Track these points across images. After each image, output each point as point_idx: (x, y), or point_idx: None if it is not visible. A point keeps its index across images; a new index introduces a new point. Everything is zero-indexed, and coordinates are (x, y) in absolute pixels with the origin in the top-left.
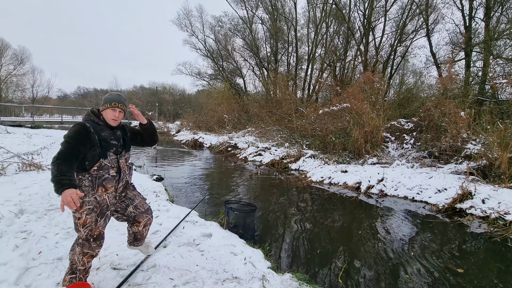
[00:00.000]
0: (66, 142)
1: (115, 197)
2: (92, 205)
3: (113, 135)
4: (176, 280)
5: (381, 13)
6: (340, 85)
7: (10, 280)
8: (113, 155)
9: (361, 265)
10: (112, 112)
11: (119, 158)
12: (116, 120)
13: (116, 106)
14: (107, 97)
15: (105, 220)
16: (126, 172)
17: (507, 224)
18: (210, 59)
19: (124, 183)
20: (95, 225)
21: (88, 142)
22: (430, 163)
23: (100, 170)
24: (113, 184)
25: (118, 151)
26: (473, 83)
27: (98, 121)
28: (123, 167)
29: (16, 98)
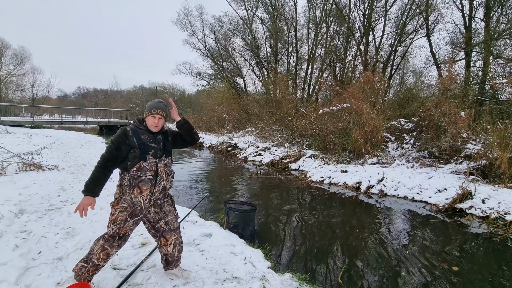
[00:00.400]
0: (108, 145)
1: (149, 201)
2: (127, 204)
3: (153, 138)
4: (176, 280)
5: (381, 13)
6: (340, 85)
7: (10, 280)
8: (152, 158)
9: (361, 265)
10: (152, 119)
11: (158, 162)
12: (156, 126)
13: (156, 113)
14: (148, 105)
15: (134, 222)
16: (164, 178)
17: (507, 224)
18: (210, 59)
19: (161, 188)
20: (124, 224)
21: (125, 145)
22: (430, 163)
23: (139, 171)
24: (149, 187)
25: (158, 154)
26: (473, 83)
27: (140, 126)
28: (161, 171)
29: (16, 98)
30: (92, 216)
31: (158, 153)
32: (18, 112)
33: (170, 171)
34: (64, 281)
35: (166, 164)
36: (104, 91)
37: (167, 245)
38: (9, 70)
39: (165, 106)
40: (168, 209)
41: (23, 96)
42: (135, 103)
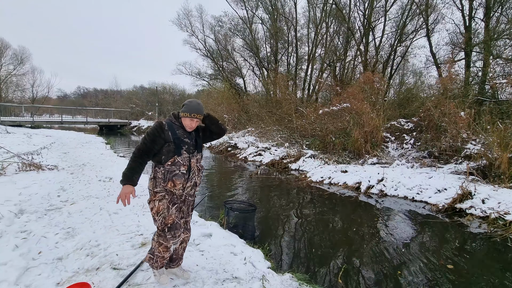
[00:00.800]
0: (143, 138)
1: (181, 196)
2: (164, 192)
3: (187, 134)
4: (176, 280)
5: (381, 13)
6: (340, 85)
7: (10, 280)
8: (185, 154)
9: (361, 265)
10: (189, 121)
11: (191, 157)
12: (192, 128)
13: (195, 117)
14: (188, 106)
15: (177, 209)
16: (196, 173)
17: (507, 224)
18: (210, 59)
19: (193, 184)
20: (168, 212)
21: (161, 139)
22: (430, 163)
23: (173, 165)
24: (182, 181)
25: (191, 150)
26: (473, 83)
27: (175, 121)
28: (193, 167)
29: (16, 98)
30: (92, 216)
31: (191, 148)
32: (18, 112)
33: (201, 166)
34: (64, 281)
35: (197, 159)
36: (104, 91)
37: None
38: (9, 70)
39: (203, 109)
40: (190, 210)
41: (23, 96)
42: (135, 103)
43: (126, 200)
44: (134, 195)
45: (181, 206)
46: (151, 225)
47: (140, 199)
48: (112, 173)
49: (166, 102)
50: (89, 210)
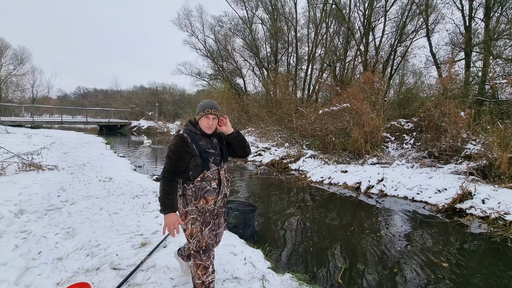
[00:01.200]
0: (168, 157)
1: (214, 211)
2: (195, 214)
3: (210, 143)
4: (176, 280)
5: (381, 13)
6: (340, 85)
7: (10, 280)
8: (214, 166)
9: (361, 265)
10: (206, 120)
11: (220, 169)
12: (210, 127)
13: (209, 113)
14: (200, 105)
15: (210, 229)
16: (225, 184)
17: (507, 224)
18: (210, 59)
19: (223, 196)
20: (201, 235)
21: (187, 154)
22: (430, 163)
23: (203, 181)
24: (214, 196)
25: (217, 160)
26: (473, 83)
27: (195, 130)
28: (223, 179)
29: (16, 98)
30: (92, 216)
31: (217, 159)
32: (18, 112)
33: (229, 176)
34: (64, 281)
35: (225, 170)
36: (104, 91)
37: None
38: (9, 70)
39: (217, 106)
40: (221, 221)
41: (23, 96)
42: (135, 103)
43: (176, 230)
44: (180, 222)
45: (214, 221)
46: (151, 225)
47: (140, 199)
48: (112, 173)
49: (166, 102)
50: (89, 210)
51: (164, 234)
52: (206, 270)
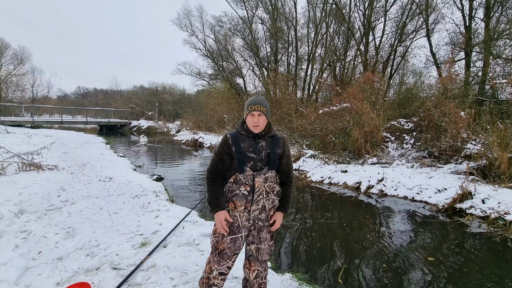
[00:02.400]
0: (213, 156)
1: (248, 220)
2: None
3: (253, 146)
4: (176, 279)
5: (381, 13)
6: (340, 85)
7: (10, 280)
8: (249, 171)
9: (361, 265)
10: (251, 118)
11: (256, 175)
12: (256, 126)
13: (254, 110)
14: (246, 103)
15: (232, 240)
16: (263, 195)
17: (507, 224)
18: (210, 59)
19: (261, 207)
20: (222, 239)
21: (228, 155)
22: (430, 163)
23: (235, 184)
24: (243, 203)
25: (257, 166)
26: (473, 83)
27: (241, 130)
28: (258, 187)
29: (16, 98)
30: (92, 216)
31: (258, 164)
32: (18, 112)
33: (272, 187)
34: (64, 281)
35: (267, 178)
36: (104, 91)
37: (250, 269)
38: (9, 70)
39: (264, 101)
40: (264, 237)
41: (23, 96)
42: (135, 103)
43: (223, 227)
44: (229, 218)
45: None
46: (151, 225)
47: (140, 199)
48: (112, 173)
49: (166, 102)
50: (89, 210)
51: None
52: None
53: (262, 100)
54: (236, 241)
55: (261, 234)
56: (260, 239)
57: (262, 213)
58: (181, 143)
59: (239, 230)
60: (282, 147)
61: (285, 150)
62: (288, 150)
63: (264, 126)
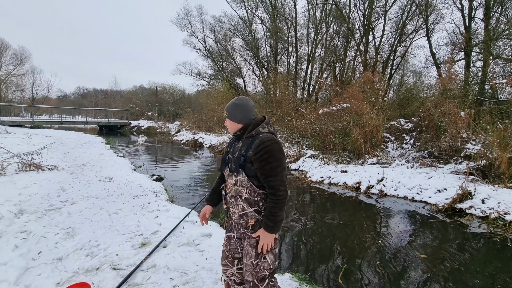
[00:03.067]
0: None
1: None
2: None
3: (233, 147)
4: (176, 280)
5: (380, 13)
6: (340, 85)
7: (10, 280)
8: (227, 171)
9: (361, 265)
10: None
11: (228, 176)
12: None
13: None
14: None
15: (228, 238)
16: (232, 199)
17: (507, 224)
18: (210, 59)
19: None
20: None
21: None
22: (429, 163)
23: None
24: (224, 201)
25: (232, 167)
26: (472, 83)
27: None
28: (229, 189)
29: (15, 98)
30: (92, 216)
31: (232, 166)
32: (17, 112)
33: (239, 191)
34: (64, 281)
35: (236, 182)
36: (104, 91)
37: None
38: (8, 70)
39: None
40: (246, 249)
41: (22, 96)
42: (135, 103)
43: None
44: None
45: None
46: (151, 225)
47: (140, 199)
48: (112, 173)
49: (166, 102)
50: (89, 210)
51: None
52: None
53: (228, 104)
54: (230, 240)
55: (244, 245)
56: (243, 250)
57: (240, 219)
58: (181, 143)
59: (231, 229)
60: (253, 149)
61: (257, 152)
62: (265, 153)
63: (233, 128)
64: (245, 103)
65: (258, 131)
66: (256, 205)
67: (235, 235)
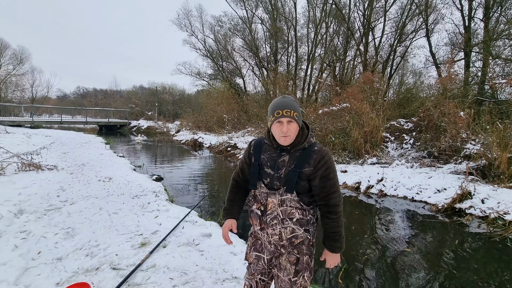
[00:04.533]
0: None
1: (270, 244)
2: (252, 230)
3: (273, 160)
4: (176, 280)
5: (380, 13)
6: (339, 85)
7: (9, 280)
8: (264, 188)
9: (360, 264)
10: (278, 127)
11: (269, 195)
12: (286, 136)
13: (281, 116)
14: (270, 106)
15: (256, 257)
16: (278, 220)
17: (507, 224)
18: (209, 59)
19: (278, 234)
20: (249, 252)
21: (247, 165)
22: (429, 163)
23: (252, 199)
24: (257, 222)
25: (274, 184)
26: (472, 83)
27: (266, 137)
28: (271, 209)
29: (15, 98)
30: (92, 216)
31: (275, 182)
32: (17, 112)
33: (290, 213)
34: (63, 281)
35: (283, 201)
36: (104, 91)
37: None
38: (8, 70)
39: (294, 102)
40: (284, 265)
41: (22, 96)
42: (134, 103)
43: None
44: (234, 229)
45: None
46: (150, 225)
47: (139, 199)
48: (111, 173)
49: (165, 102)
50: (88, 210)
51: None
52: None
53: (291, 102)
54: (259, 261)
55: (281, 260)
56: (280, 266)
57: (283, 240)
58: (181, 143)
59: (262, 250)
60: (313, 164)
61: (318, 169)
62: (326, 168)
63: (296, 135)
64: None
65: (310, 142)
66: (307, 224)
67: (266, 257)
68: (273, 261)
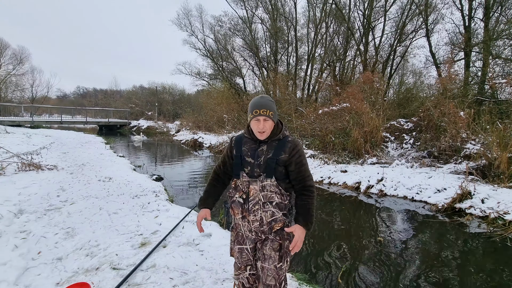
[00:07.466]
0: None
1: (251, 231)
2: (233, 223)
3: (252, 150)
4: (176, 279)
5: (380, 13)
6: (339, 85)
7: (9, 280)
8: (246, 177)
9: (360, 264)
10: (256, 124)
11: (251, 182)
12: (262, 132)
13: (258, 114)
14: (250, 104)
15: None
16: (260, 205)
17: (506, 223)
18: (209, 59)
19: (259, 219)
20: (233, 246)
21: (229, 158)
22: (429, 163)
23: (234, 189)
24: (239, 211)
25: (254, 172)
26: (472, 83)
27: (246, 133)
28: (253, 196)
29: (15, 98)
30: (92, 216)
31: (255, 170)
32: (17, 112)
33: (270, 197)
34: (63, 281)
35: (264, 187)
36: (104, 91)
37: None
38: (8, 70)
39: (270, 102)
40: (268, 254)
41: (22, 96)
42: (134, 103)
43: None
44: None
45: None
46: (150, 225)
47: (139, 199)
48: (111, 173)
49: (165, 102)
50: (88, 210)
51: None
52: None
53: (267, 102)
54: (242, 252)
55: (265, 250)
56: (264, 256)
57: (263, 226)
58: (181, 143)
59: (243, 241)
60: (288, 151)
61: (293, 156)
62: (299, 155)
63: (271, 131)
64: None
65: (284, 134)
66: (285, 208)
67: (248, 247)
68: (257, 253)
